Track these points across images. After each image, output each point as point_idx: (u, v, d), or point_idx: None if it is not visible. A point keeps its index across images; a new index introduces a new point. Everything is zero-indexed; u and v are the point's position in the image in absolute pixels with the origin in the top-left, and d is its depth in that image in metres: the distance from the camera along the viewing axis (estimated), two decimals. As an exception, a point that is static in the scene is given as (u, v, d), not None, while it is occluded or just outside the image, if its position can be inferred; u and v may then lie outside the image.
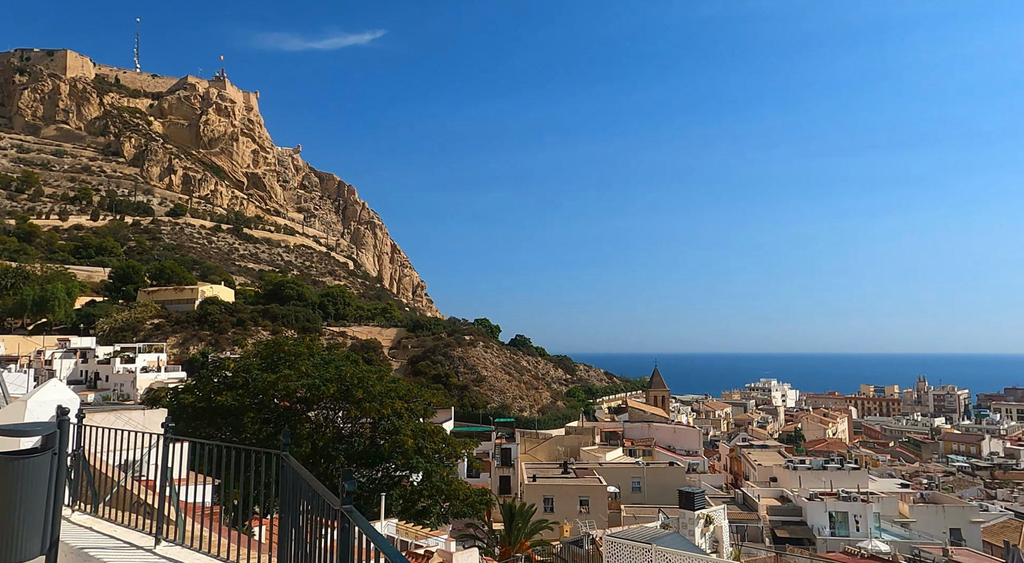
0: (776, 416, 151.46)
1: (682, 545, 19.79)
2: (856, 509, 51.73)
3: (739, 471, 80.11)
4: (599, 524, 44.62)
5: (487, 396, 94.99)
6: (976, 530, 56.13)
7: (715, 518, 22.57)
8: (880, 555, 40.63)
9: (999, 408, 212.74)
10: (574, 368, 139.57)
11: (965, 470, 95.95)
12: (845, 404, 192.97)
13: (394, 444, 31.53)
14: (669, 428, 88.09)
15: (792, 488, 60.89)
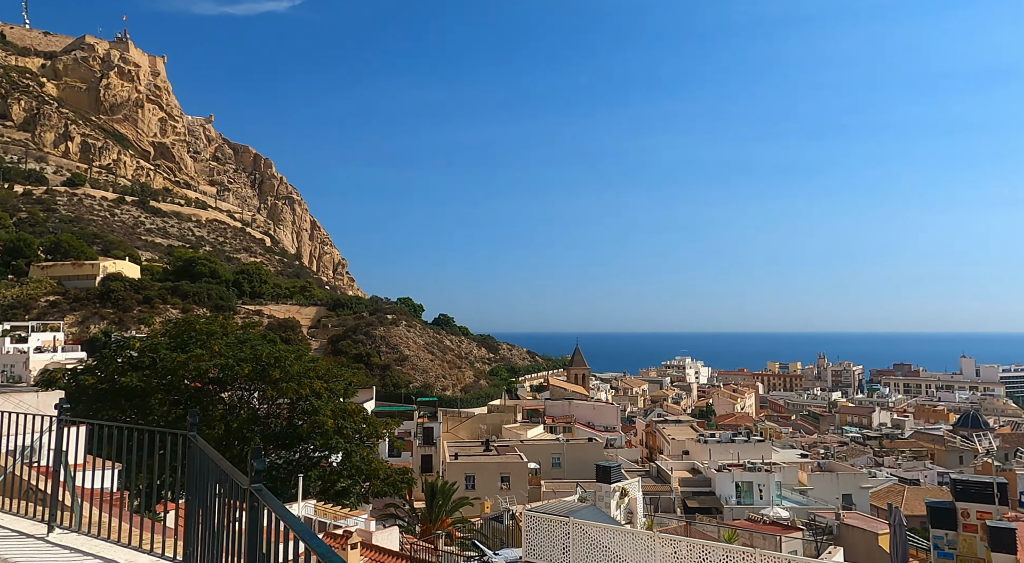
0: (690, 392, 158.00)
1: (598, 517, 20.43)
2: (760, 479, 54.83)
3: (654, 445, 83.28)
4: (519, 500, 45.43)
5: (410, 376, 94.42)
6: (865, 495, 60.72)
7: (630, 491, 23.40)
8: (780, 521, 43.33)
9: (888, 382, 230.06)
10: (497, 347, 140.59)
11: (857, 440, 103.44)
12: (753, 380, 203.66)
13: (313, 425, 30.91)
14: (589, 405, 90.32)
15: (703, 460, 63.83)
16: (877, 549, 35.14)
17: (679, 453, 71.04)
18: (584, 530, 18.55)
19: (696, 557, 17.41)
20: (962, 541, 17.67)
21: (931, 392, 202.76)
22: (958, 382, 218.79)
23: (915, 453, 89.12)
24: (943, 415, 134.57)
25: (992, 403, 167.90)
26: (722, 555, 17.07)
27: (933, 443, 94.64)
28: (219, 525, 4.79)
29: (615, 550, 18.30)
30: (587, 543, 18.47)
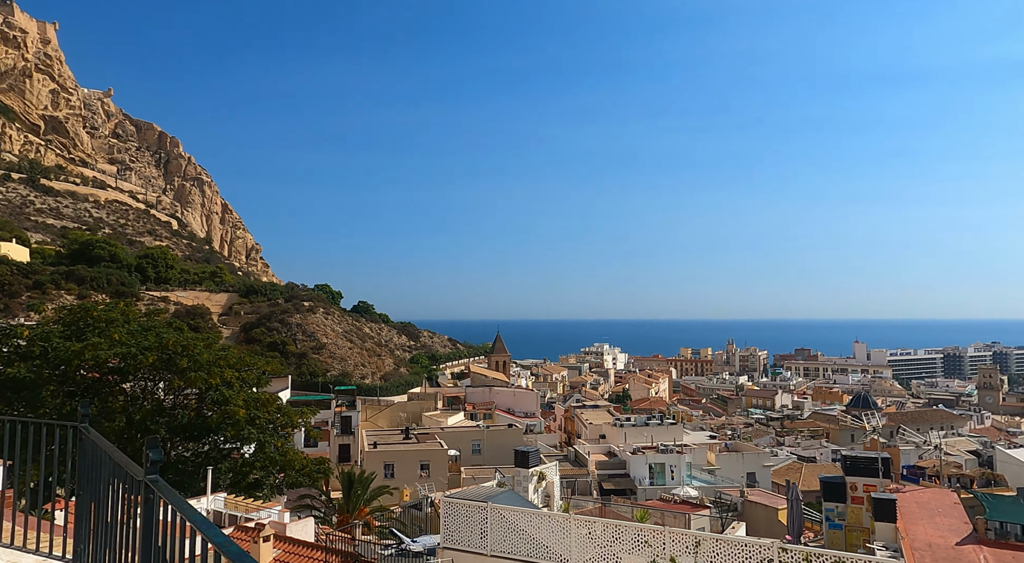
0: (607, 378, 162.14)
1: (516, 501, 20.70)
2: (672, 460, 57.06)
3: (572, 430, 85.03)
4: (439, 487, 45.44)
5: (327, 364, 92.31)
6: (767, 473, 64.41)
7: (547, 474, 23.82)
8: (690, 500, 45.35)
9: (790, 366, 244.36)
10: (418, 335, 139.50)
11: (761, 421, 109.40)
12: (667, 366, 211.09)
13: (223, 415, 29.72)
14: (509, 392, 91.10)
15: (619, 444, 65.74)
16: (777, 523, 37.34)
17: (596, 437, 72.88)
18: (502, 514, 18.76)
19: (610, 537, 17.95)
20: (850, 512, 19.07)
21: (828, 375, 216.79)
22: (851, 366, 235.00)
23: (813, 432, 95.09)
24: (838, 397, 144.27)
25: (881, 385, 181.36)
26: (634, 534, 17.64)
27: (828, 423, 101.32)
28: (112, 520, 4.53)
29: (532, 533, 18.61)
30: (505, 527, 18.69)
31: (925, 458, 74.69)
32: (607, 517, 29.12)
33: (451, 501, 19.73)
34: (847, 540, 19.01)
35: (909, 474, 68.80)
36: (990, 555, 14.60)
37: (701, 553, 16.55)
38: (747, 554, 16.02)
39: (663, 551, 16.93)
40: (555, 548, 18.21)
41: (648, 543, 17.23)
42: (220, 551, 2.71)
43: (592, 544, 18.02)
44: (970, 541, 15.33)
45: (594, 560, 17.86)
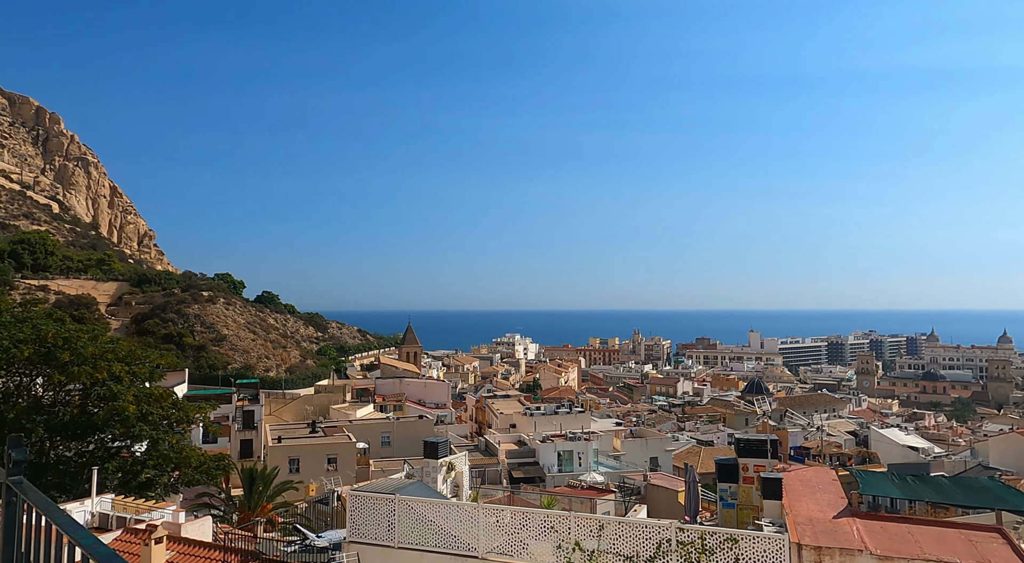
0: (518, 368, 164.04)
1: (424, 492, 20.60)
2: (580, 447, 58.57)
3: (483, 420, 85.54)
4: (347, 480, 44.59)
5: (228, 356, 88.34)
6: (669, 457, 67.33)
7: (457, 465, 23.84)
8: (596, 485, 46.77)
9: (692, 355, 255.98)
10: (326, 326, 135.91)
11: (664, 408, 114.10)
12: (576, 355, 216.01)
13: (111, 412, 27.87)
14: (420, 383, 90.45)
15: (528, 433, 66.77)
16: (676, 504, 39.10)
17: (507, 426, 73.70)
18: (409, 506, 18.63)
19: (518, 524, 18.20)
20: (742, 492, 20.25)
21: (726, 363, 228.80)
22: (747, 354, 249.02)
23: (711, 417, 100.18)
24: (734, 383, 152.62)
25: (772, 371, 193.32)
26: (541, 520, 17.97)
27: (725, 408, 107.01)
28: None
29: (441, 523, 18.60)
30: (413, 518, 18.58)
31: (810, 439, 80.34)
32: (516, 505, 29.53)
33: (358, 494, 19.40)
34: (739, 518, 20.16)
35: (796, 454, 73.86)
36: (862, 526, 15.89)
37: (605, 536, 17.05)
38: (647, 535, 16.65)
39: (568, 536, 17.32)
40: (463, 537, 18.28)
41: (555, 528, 17.58)
42: (88, 553, 2.52)
43: (500, 532, 18.21)
44: (845, 514, 16.63)
45: (502, 547, 18.06)
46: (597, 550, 16.93)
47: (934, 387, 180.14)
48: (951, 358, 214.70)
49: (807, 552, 14.90)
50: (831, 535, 15.38)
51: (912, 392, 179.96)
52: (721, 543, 15.82)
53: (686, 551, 16.09)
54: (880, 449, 79.00)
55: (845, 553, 14.69)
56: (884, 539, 15.28)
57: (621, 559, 16.74)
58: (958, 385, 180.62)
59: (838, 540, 15.09)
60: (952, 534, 15.65)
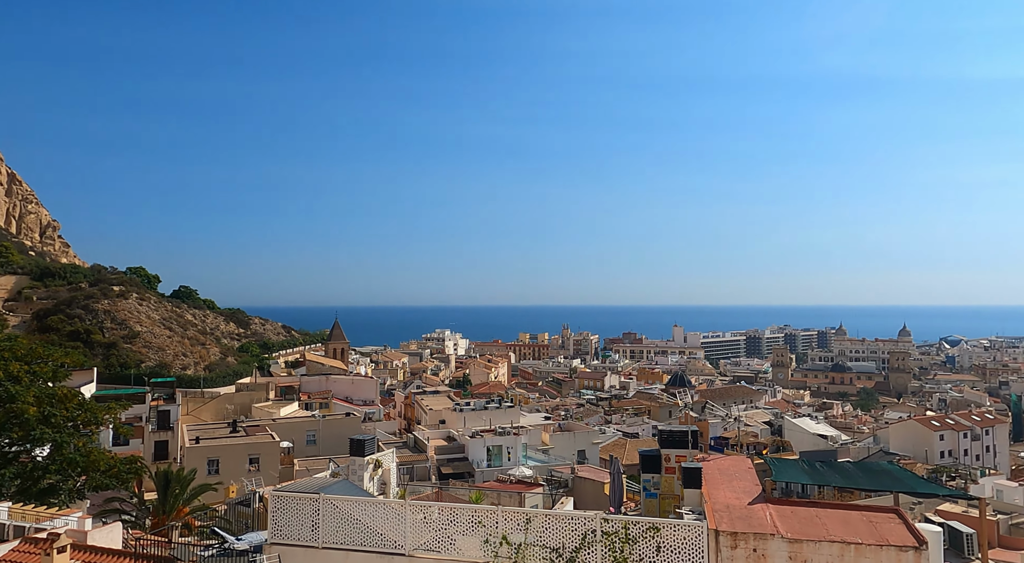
0: (448, 364, 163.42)
1: (350, 491, 20.22)
2: (509, 442, 58.97)
3: (412, 416, 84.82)
4: (270, 481, 43.28)
5: (141, 354, 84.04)
6: (596, 449, 68.66)
7: (384, 462, 23.52)
8: (525, 479, 47.15)
9: (619, 349, 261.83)
10: (248, 322, 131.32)
11: (592, 401, 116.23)
12: (506, 350, 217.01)
13: (8, 414, 26.00)
14: (347, 380, 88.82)
15: (458, 428, 66.67)
16: (603, 496, 39.93)
17: (436, 422, 73.35)
18: (335, 505, 18.26)
19: (445, 520, 18.15)
20: (664, 482, 20.88)
21: (651, 357, 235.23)
22: (671, 348, 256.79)
23: (636, 410, 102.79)
24: (659, 376, 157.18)
25: (695, 365, 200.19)
26: (469, 515, 17.97)
27: (650, 401, 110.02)
28: None
29: (366, 522, 18.32)
30: (338, 517, 18.22)
31: (729, 430, 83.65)
32: (444, 501, 29.43)
33: (280, 494, 18.84)
34: (661, 507, 20.78)
35: (716, 444, 76.73)
36: (774, 511, 16.69)
37: (532, 529, 17.22)
38: (573, 526, 16.93)
39: (496, 530, 17.40)
40: (390, 535, 18.08)
41: (482, 523, 17.63)
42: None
43: (428, 528, 18.12)
44: (759, 501, 17.41)
45: (429, 544, 17.97)
46: (524, 543, 17.08)
47: (842, 378, 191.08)
48: (857, 351, 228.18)
49: (724, 538, 15.51)
50: (746, 521, 16.06)
51: (822, 383, 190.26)
52: (643, 532, 16.26)
53: (610, 541, 16.45)
54: (793, 438, 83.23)
55: (759, 537, 15.38)
56: (794, 523, 16.09)
57: (548, 551, 16.95)
58: (863, 376, 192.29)
59: (752, 525, 15.78)
60: (855, 516, 16.65)
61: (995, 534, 40.22)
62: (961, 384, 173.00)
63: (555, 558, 16.83)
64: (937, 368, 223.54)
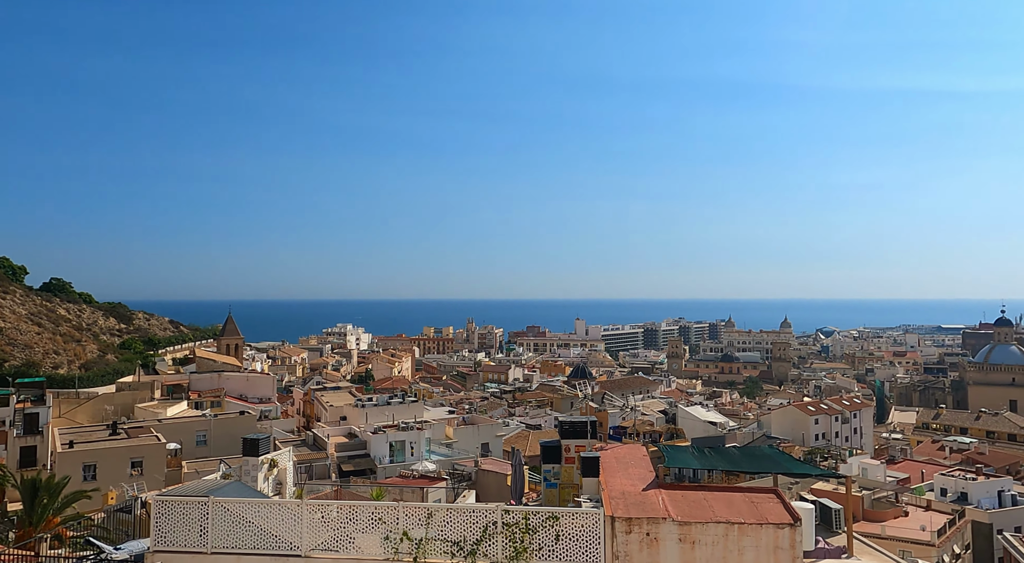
0: (350, 359, 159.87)
1: (243, 492, 19.38)
2: (412, 437, 58.48)
3: (312, 413, 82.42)
4: (155, 485, 40.78)
5: (5, 352, 76.67)
6: (499, 442, 69.38)
7: (280, 461, 22.69)
8: (428, 474, 46.96)
9: (523, 342, 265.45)
10: (131, 317, 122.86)
11: (496, 394, 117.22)
12: (410, 345, 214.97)
13: None
14: (242, 377, 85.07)
15: (360, 424, 65.42)
16: (506, 487, 40.38)
17: (337, 419, 71.62)
18: (225, 507, 17.43)
19: (344, 518, 17.75)
20: (564, 471, 21.37)
21: (554, 350, 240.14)
22: (573, 341, 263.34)
23: (539, 402, 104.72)
24: (561, 368, 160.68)
25: (596, 357, 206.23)
26: (369, 512, 17.68)
27: (552, 393, 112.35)
28: None
29: (260, 523, 17.62)
30: (229, 521, 17.40)
31: (627, 419, 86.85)
32: (344, 499, 28.77)
33: (164, 499, 17.76)
34: (561, 497, 21.26)
35: (615, 434, 79.45)
36: (666, 496, 17.48)
37: (433, 523, 17.17)
38: (474, 519, 17.01)
39: (397, 526, 17.24)
40: (286, 536, 17.49)
41: (383, 520, 17.41)
42: None
43: (326, 527, 17.66)
44: (653, 486, 18.18)
45: (327, 543, 17.53)
46: (425, 538, 17.00)
47: (730, 368, 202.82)
48: (744, 342, 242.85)
49: (619, 523, 16.08)
50: (640, 506, 16.73)
51: (713, 373, 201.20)
52: (543, 521, 16.59)
53: (511, 532, 16.67)
54: (686, 425, 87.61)
55: (651, 522, 16.06)
56: (684, 506, 16.93)
57: (449, 545, 16.97)
58: (749, 366, 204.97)
59: (646, 510, 16.46)
60: (739, 498, 17.73)
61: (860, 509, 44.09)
62: (833, 372, 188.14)
63: (456, 551, 16.87)
64: (813, 357, 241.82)
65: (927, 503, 49.15)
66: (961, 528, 47.13)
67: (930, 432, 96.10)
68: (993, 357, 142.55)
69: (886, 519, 43.58)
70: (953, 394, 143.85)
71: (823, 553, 17.79)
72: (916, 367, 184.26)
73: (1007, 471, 66.84)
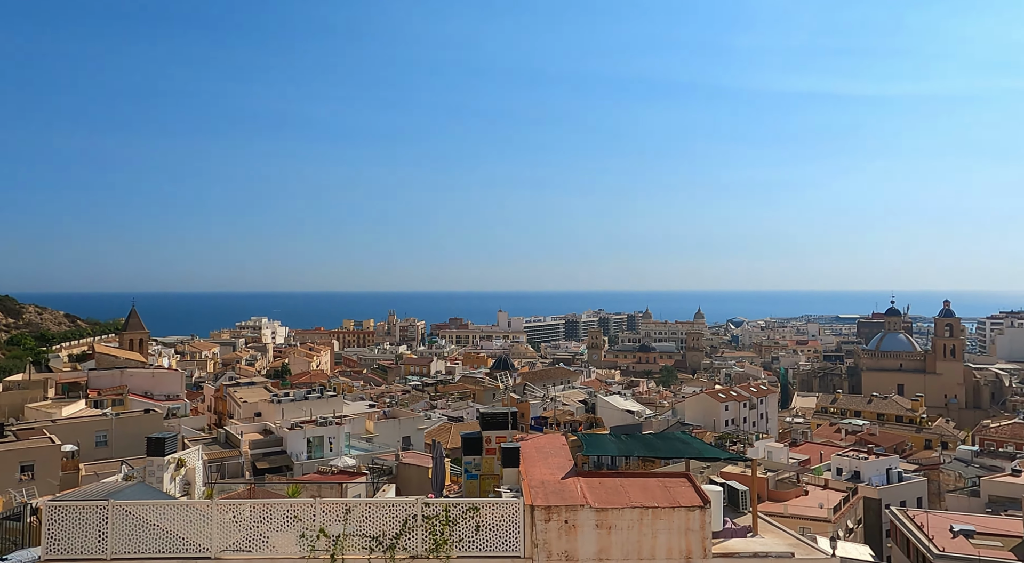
0: (265, 353, 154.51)
1: (147, 494, 18.41)
2: (331, 432, 57.18)
3: (224, 410, 79.30)
4: (49, 490, 38.12)
5: None
6: (421, 435, 68.90)
7: (188, 460, 21.69)
8: (348, 469, 46.10)
9: (445, 335, 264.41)
10: (20, 311, 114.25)
11: (418, 387, 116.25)
12: (329, 338, 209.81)
13: None
14: (147, 373, 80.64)
15: (276, 421, 63.37)
16: (427, 481, 40.15)
17: (251, 415, 69.16)
18: (127, 511, 16.50)
19: (258, 517, 17.19)
20: (484, 462, 21.46)
21: (476, 342, 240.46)
22: (496, 332, 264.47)
23: (462, 394, 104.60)
24: (484, 361, 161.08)
25: (518, 348, 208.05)
26: (284, 510, 17.22)
27: (475, 385, 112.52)
28: None
29: (167, 526, 16.81)
30: (131, 525, 16.49)
31: (548, 409, 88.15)
32: (258, 497, 27.84)
33: (57, 504, 16.62)
34: (482, 488, 21.35)
35: (536, 424, 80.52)
36: (584, 484, 17.88)
37: (351, 519, 16.90)
38: (394, 513, 16.86)
39: (314, 523, 16.86)
40: (194, 538, 16.76)
41: (298, 517, 17.00)
42: None
43: (238, 527, 17.05)
44: (571, 475, 18.55)
45: (239, 544, 16.93)
46: (343, 534, 16.71)
47: (647, 357, 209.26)
48: (660, 332, 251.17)
49: (539, 512, 16.31)
50: (559, 495, 17.02)
51: (631, 363, 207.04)
52: (464, 513, 16.63)
53: (431, 524, 16.63)
54: (605, 414, 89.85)
55: (570, 509, 16.38)
56: (601, 493, 17.36)
57: (368, 540, 16.75)
58: (665, 355, 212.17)
59: (564, 498, 16.77)
60: (653, 483, 18.35)
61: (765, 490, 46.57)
62: (742, 360, 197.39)
63: (375, 546, 16.67)
64: (725, 346, 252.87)
65: (825, 482, 52.46)
66: (854, 504, 50.63)
67: (828, 416, 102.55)
68: (884, 345, 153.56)
69: (788, 499, 46.20)
70: (849, 380, 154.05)
71: (730, 533, 18.67)
72: (817, 355, 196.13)
73: (895, 450, 72.34)
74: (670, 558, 16.49)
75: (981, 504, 50.08)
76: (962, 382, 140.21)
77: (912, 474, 59.21)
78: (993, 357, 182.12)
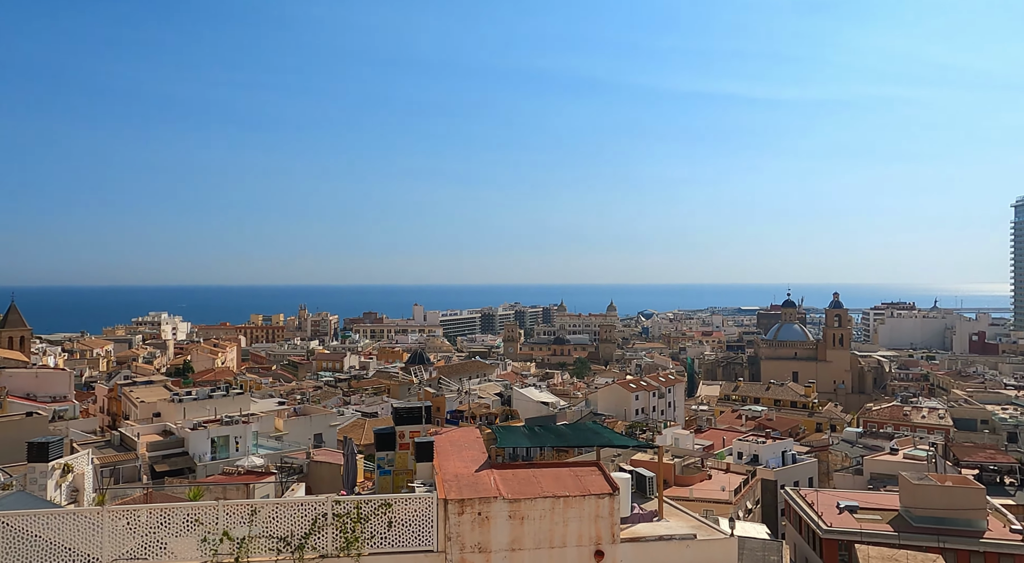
0: (166, 350, 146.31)
1: (28, 503, 17.06)
2: (237, 431, 54.92)
3: (119, 411, 74.64)
4: (-87, 503, 34.65)
5: None
6: (333, 432, 67.35)
7: (76, 466, 20.27)
8: (255, 469, 44.44)
9: (359, 329, 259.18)
10: None
11: (330, 383, 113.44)
12: (236, 334, 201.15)
13: None
14: (30, 373, 74.72)
15: (177, 421, 60.21)
16: (339, 478, 39.32)
17: (150, 416, 65.36)
18: (4, 522, 15.23)
19: (155, 523, 16.29)
20: (398, 458, 21.24)
21: (391, 336, 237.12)
22: (411, 326, 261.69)
23: (376, 390, 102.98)
24: (399, 355, 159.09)
25: (434, 342, 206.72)
26: (184, 514, 16.40)
27: (390, 380, 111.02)
28: None
29: (51, 537, 15.64)
30: (8, 537, 15.24)
31: (464, 403, 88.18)
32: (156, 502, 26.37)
33: (-80, 521, 15.12)
34: (395, 483, 21.10)
35: (452, 418, 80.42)
36: (498, 476, 18.00)
37: (258, 520, 16.32)
38: (303, 513, 16.41)
39: (217, 526, 16.15)
40: (82, 548, 15.69)
41: (200, 521, 16.23)
42: None
43: (132, 535, 16.08)
44: (485, 467, 18.63)
45: (134, 551, 15.99)
46: (249, 536, 16.10)
47: (562, 350, 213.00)
48: (575, 325, 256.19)
49: (452, 505, 16.30)
50: (473, 487, 17.07)
51: (546, 355, 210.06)
52: (376, 509, 16.38)
53: (342, 523, 16.28)
54: (520, 406, 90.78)
55: (483, 501, 16.46)
56: (515, 484, 17.54)
57: (275, 541, 16.23)
58: (579, 347, 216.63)
59: (478, 491, 16.83)
60: (565, 472, 18.72)
61: (672, 475, 48.53)
62: (652, 351, 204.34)
63: (283, 548, 16.17)
64: (636, 338, 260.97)
65: (727, 466, 55.28)
66: (753, 486, 53.63)
67: (730, 403, 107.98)
68: (780, 335, 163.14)
69: (693, 483, 48.37)
70: (750, 368, 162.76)
71: (638, 518, 19.33)
72: (720, 345, 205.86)
73: (790, 434, 77.13)
74: (580, 545, 16.89)
75: (864, 481, 54.26)
76: (849, 368, 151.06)
77: (805, 456, 63.34)
78: (876, 345, 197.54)
